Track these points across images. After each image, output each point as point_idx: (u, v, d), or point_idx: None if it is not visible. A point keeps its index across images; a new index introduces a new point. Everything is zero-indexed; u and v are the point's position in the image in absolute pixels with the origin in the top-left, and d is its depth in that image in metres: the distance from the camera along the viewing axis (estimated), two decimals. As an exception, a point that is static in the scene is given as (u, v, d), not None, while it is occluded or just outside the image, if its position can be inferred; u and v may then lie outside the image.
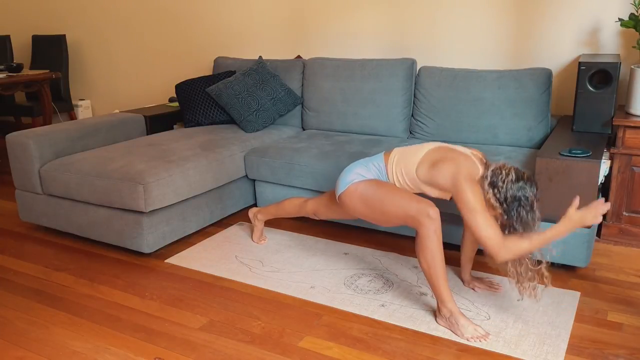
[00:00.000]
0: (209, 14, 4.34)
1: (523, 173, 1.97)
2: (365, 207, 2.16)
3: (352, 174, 2.22)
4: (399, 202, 2.05)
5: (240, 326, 2.16)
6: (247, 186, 3.31)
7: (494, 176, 1.96)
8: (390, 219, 2.11)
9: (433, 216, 1.97)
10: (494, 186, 1.95)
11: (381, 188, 2.13)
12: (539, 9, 3.18)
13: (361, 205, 2.17)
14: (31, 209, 3.08)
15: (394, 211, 2.06)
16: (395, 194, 2.09)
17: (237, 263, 2.69)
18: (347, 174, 2.23)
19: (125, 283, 2.54)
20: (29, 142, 2.94)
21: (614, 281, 2.45)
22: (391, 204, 2.07)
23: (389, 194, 2.09)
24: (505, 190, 1.93)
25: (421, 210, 1.98)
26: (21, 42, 5.47)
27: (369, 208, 2.15)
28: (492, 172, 1.98)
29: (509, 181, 1.93)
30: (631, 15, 2.77)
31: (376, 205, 2.12)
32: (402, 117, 3.34)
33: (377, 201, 2.11)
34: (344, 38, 3.82)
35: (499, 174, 1.95)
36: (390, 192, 2.11)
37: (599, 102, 2.75)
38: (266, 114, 3.53)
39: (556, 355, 1.93)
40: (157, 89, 4.84)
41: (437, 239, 1.98)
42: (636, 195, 2.71)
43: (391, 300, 2.32)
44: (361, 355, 1.96)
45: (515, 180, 1.93)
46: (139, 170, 2.67)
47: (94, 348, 2.04)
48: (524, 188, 1.92)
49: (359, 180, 2.18)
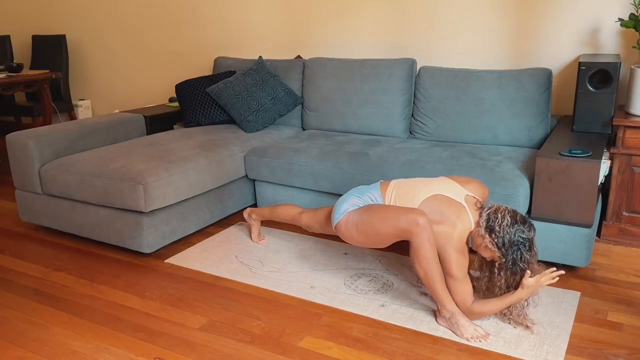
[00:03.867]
0: (209, 14, 4.34)
1: (516, 214, 2.01)
2: (359, 234, 2.18)
3: (346, 204, 2.24)
4: (388, 219, 2.07)
5: (240, 326, 2.16)
6: (247, 186, 3.31)
7: (490, 221, 2.01)
8: (384, 239, 2.13)
9: (423, 224, 1.99)
10: (491, 231, 2.00)
11: (369, 211, 2.16)
12: (539, 9, 3.18)
13: (356, 233, 2.19)
14: (31, 209, 3.08)
15: (385, 229, 2.08)
16: (383, 212, 2.11)
17: (237, 263, 2.69)
18: (342, 203, 2.25)
19: (125, 283, 2.54)
20: (29, 142, 2.94)
21: (614, 281, 2.45)
22: (382, 224, 2.09)
23: (377, 214, 2.12)
24: (502, 235, 1.98)
25: (410, 220, 2.00)
26: (21, 42, 5.47)
27: (363, 234, 2.17)
28: (488, 217, 2.02)
29: (505, 225, 1.98)
30: (631, 15, 2.77)
31: (369, 230, 2.14)
32: (402, 117, 3.34)
33: (368, 225, 2.13)
34: (344, 38, 3.82)
35: (495, 219, 2.00)
36: (377, 212, 2.13)
37: (599, 102, 2.75)
38: (266, 114, 3.53)
39: (556, 355, 1.93)
40: (157, 89, 4.84)
41: (430, 245, 2.00)
42: (636, 195, 2.71)
43: (391, 300, 2.32)
44: (361, 355, 1.96)
45: (511, 224, 1.98)
46: (139, 170, 2.67)
47: (94, 348, 2.04)
48: (522, 231, 1.98)
49: (351, 210, 2.21)
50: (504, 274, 2.01)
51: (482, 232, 2.02)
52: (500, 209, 2.03)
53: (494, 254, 2.02)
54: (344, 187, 2.88)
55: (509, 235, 1.97)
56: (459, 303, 2.06)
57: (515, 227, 1.97)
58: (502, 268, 2.01)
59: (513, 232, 1.97)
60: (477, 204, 2.11)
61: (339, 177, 2.89)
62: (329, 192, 2.97)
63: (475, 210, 2.09)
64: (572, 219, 2.39)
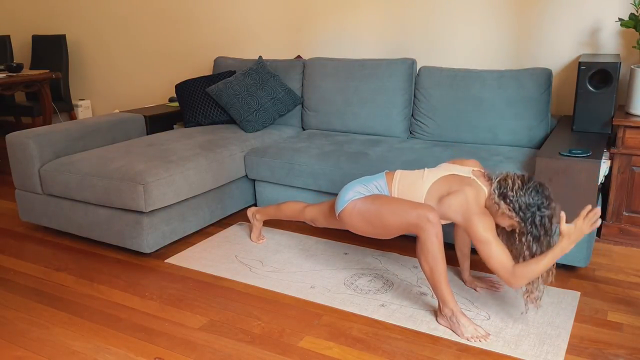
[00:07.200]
0: (209, 14, 4.34)
1: (524, 177, 1.99)
2: (365, 224, 2.17)
3: (351, 192, 2.22)
4: (398, 211, 2.06)
5: (240, 326, 2.16)
6: (247, 186, 3.31)
7: (501, 188, 1.99)
8: (391, 230, 2.12)
9: (433, 220, 1.98)
10: (505, 197, 1.98)
11: (377, 201, 2.15)
12: (539, 9, 3.18)
13: (361, 222, 2.18)
14: (31, 209, 3.08)
15: (394, 222, 2.07)
16: (392, 204, 2.09)
17: (237, 263, 2.69)
18: (346, 191, 2.24)
19: (125, 283, 2.54)
20: (29, 142, 2.94)
21: (614, 281, 2.45)
22: (390, 215, 2.08)
23: (386, 206, 2.10)
24: (517, 199, 1.95)
25: (421, 215, 1.99)
26: (21, 42, 5.47)
27: (369, 224, 2.16)
28: (499, 184, 2.00)
29: (517, 189, 1.96)
30: (631, 15, 2.77)
31: (375, 220, 2.13)
32: (402, 117, 3.34)
33: (375, 215, 2.12)
34: (344, 38, 3.82)
35: (506, 185, 1.98)
36: (386, 203, 2.12)
37: (599, 102, 2.75)
38: (266, 114, 3.53)
39: (556, 355, 1.93)
40: (157, 89, 4.84)
41: (439, 242, 1.99)
42: (636, 195, 2.71)
43: (391, 300, 2.32)
44: (361, 355, 1.96)
45: (522, 187, 1.96)
46: (139, 170, 2.67)
47: (94, 348, 2.04)
48: (535, 192, 1.95)
49: (357, 198, 2.20)
50: (526, 240, 1.95)
51: (496, 200, 1.99)
52: (510, 175, 2.01)
53: (512, 220, 1.98)
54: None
55: (523, 197, 1.94)
56: (500, 269, 1.92)
57: (527, 189, 1.94)
58: (524, 233, 1.96)
59: (527, 194, 1.94)
60: (485, 175, 2.11)
61: (339, 177, 2.89)
62: (329, 192, 2.97)
63: (486, 181, 2.07)
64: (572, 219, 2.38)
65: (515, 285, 1.94)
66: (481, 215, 1.99)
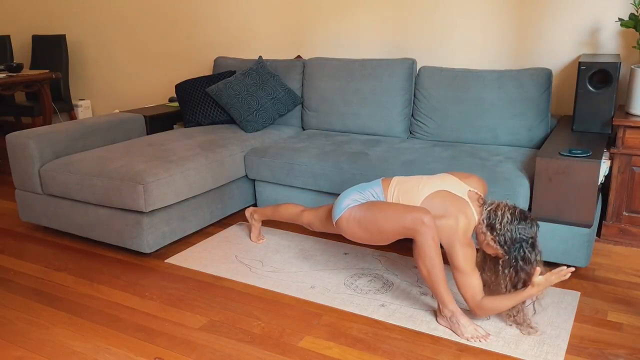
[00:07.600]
0: (209, 14, 4.34)
1: (516, 211, 2.01)
2: (362, 230, 2.17)
3: (347, 200, 2.23)
4: (393, 216, 2.06)
5: (240, 326, 2.16)
6: (247, 186, 3.31)
7: (490, 219, 2.02)
8: (388, 236, 2.12)
9: (428, 223, 1.98)
10: (492, 229, 2.00)
11: (373, 207, 2.15)
12: (539, 9, 3.18)
13: (358, 229, 2.18)
14: (31, 209, 3.08)
15: (389, 227, 2.08)
16: (388, 210, 2.10)
17: (237, 263, 2.69)
18: (343, 199, 2.25)
19: (125, 283, 2.54)
20: (29, 142, 2.94)
21: (614, 281, 2.45)
22: (386, 221, 2.08)
23: (382, 212, 2.11)
24: (503, 233, 1.98)
25: (416, 219, 2.00)
26: (21, 42, 5.47)
27: (366, 230, 2.16)
28: (488, 214, 2.03)
29: (506, 223, 1.98)
30: (631, 15, 2.77)
31: (372, 226, 2.13)
32: (402, 117, 3.34)
33: (372, 222, 2.13)
34: (344, 38, 3.82)
35: (495, 217, 2.01)
36: (382, 209, 2.12)
37: (599, 102, 2.75)
38: (266, 114, 3.53)
39: (556, 355, 1.93)
40: (157, 89, 4.84)
41: (435, 244, 2.00)
42: (636, 195, 2.71)
43: (391, 300, 2.32)
44: (361, 355, 1.96)
45: (512, 221, 1.98)
46: (139, 170, 2.67)
47: (94, 348, 2.04)
48: (523, 228, 1.97)
49: (353, 205, 2.20)
50: (509, 272, 2.00)
51: (483, 230, 2.03)
52: (500, 206, 2.03)
53: (497, 251, 2.02)
54: (344, 187, 2.88)
55: (509, 232, 1.97)
56: (469, 299, 2.04)
57: (516, 224, 1.97)
58: (507, 265, 2.00)
59: (514, 229, 1.97)
60: (479, 199, 2.11)
61: (339, 177, 2.89)
62: (329, 192, 2.97)
63: (479, 206, 2.09)
64: (572, 219, 2.39)
65: (479, 316, 2.08)
66: (465, 246, 2.02)
